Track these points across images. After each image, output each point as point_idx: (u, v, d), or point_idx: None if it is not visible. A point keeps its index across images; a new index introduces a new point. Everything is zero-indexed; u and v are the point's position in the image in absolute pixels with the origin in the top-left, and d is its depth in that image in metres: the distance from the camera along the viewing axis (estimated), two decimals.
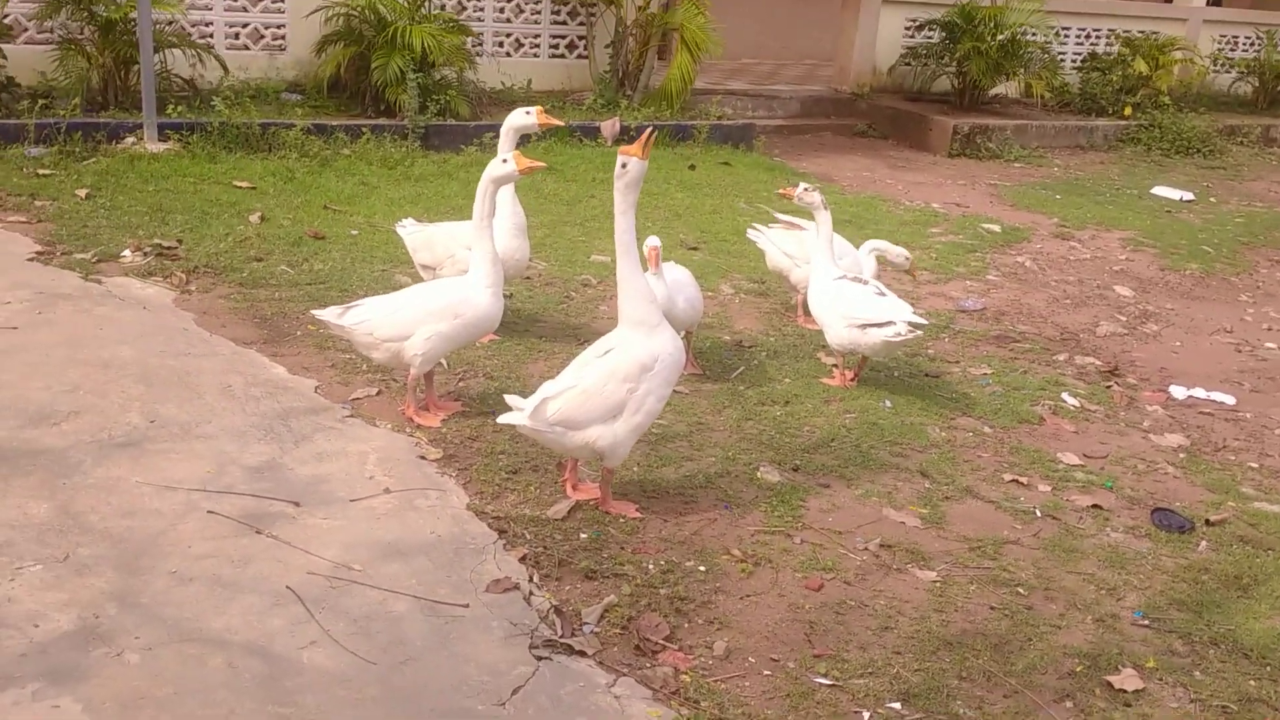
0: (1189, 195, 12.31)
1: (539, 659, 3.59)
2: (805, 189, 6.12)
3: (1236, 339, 7.87)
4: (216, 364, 5.54)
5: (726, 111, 12.98)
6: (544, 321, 6.69)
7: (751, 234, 7.32)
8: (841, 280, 6.15)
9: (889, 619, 4.07)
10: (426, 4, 11.03)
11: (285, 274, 6.93)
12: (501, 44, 12.38)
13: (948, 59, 14.62)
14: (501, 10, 12.30)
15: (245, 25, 10.99)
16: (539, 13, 12.48)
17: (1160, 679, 3.89)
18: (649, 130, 4.66)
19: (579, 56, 12.72)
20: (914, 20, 15.11)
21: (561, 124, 6.16)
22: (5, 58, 9.10)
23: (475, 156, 10.00)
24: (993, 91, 14.99)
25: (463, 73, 11.06)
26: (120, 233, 7.28)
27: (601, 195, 9.51)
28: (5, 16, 9.66)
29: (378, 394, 5.47)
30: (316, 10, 10.69)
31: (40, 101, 8.81)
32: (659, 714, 3.43)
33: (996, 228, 10.13)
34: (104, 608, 3.57)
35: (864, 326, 5.90)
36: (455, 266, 6.08)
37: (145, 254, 6.99)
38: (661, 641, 3.78)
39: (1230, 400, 6.68)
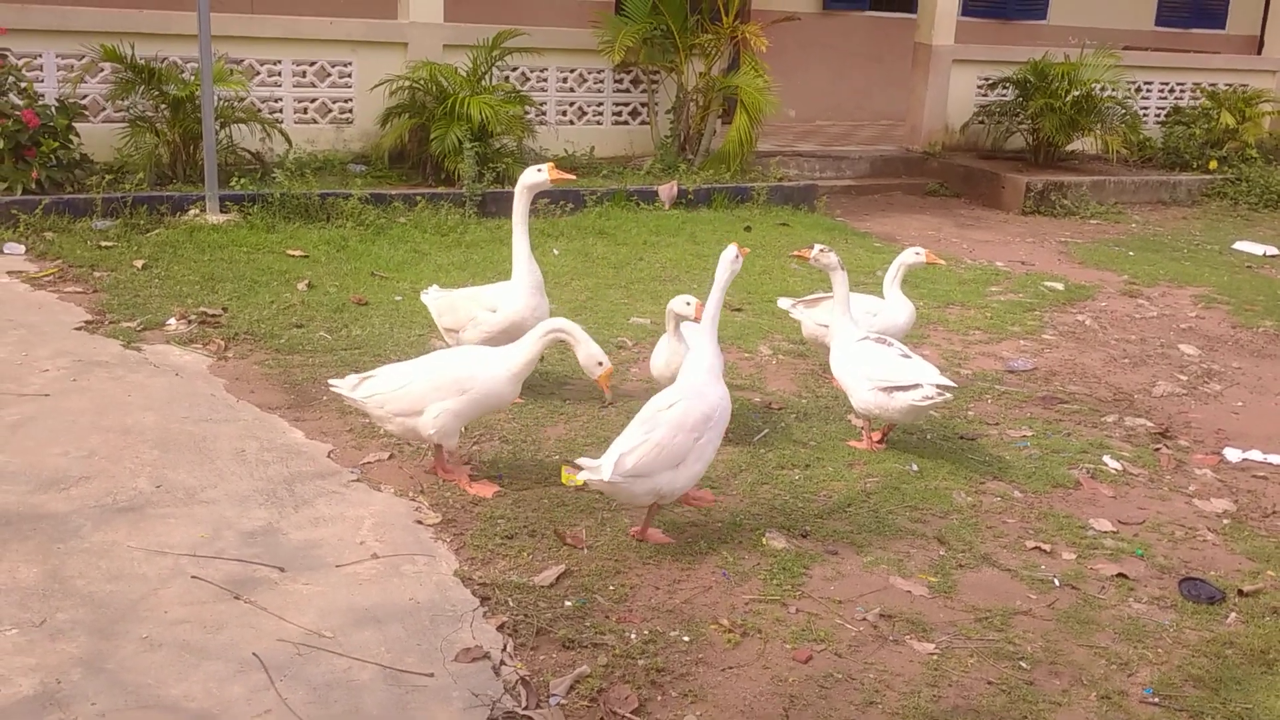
0: (1273, 250, 11.87)
1: None
2: (821, 250, 6.02)
3: None
4: (235, 429, 5.62)
5: (789, 172, 12.96)
6: (572, 383, 6.67)
7: (783, 303, 7.22)
8: (865, 341, 6.02)
9: (876, 693, 3.91)
10: (488, 76, 11.22)
11: (323, 340, 7.03)
12: (565, 113, 12.54)
13: (1021, 116, 14.41)
14: (565, 80, 12.47)
15: (314, 100, 11.30)
16: (601, 82, 12.62)
17: None
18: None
19: (641, 123, 12.83)
20: (986, 78, 14.94)
21: (573, 177, 6.21)
22: (79, 136, 9.47)
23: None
24: (1069, 148, 14.72)
25: (522, 141, 11.21)
26: (169, 301, 7.47)
27: (650, 259, 9.51)
28: (84, 97, 10.07)
29: (389, 458, 5.48)
30: (381, 83, 10.96)
31: (108, 176, 9.14)
32: None
33: (1060, 286, 9.86)
34: (69, 673, 3.59)
35: (889, 390, 5.76)
36: (477, 329, 6.11)
37: (189, 322, 7.15)
38: (628, 715, 3.67)
39: None
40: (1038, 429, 6.54)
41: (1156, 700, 3.99)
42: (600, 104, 12.72)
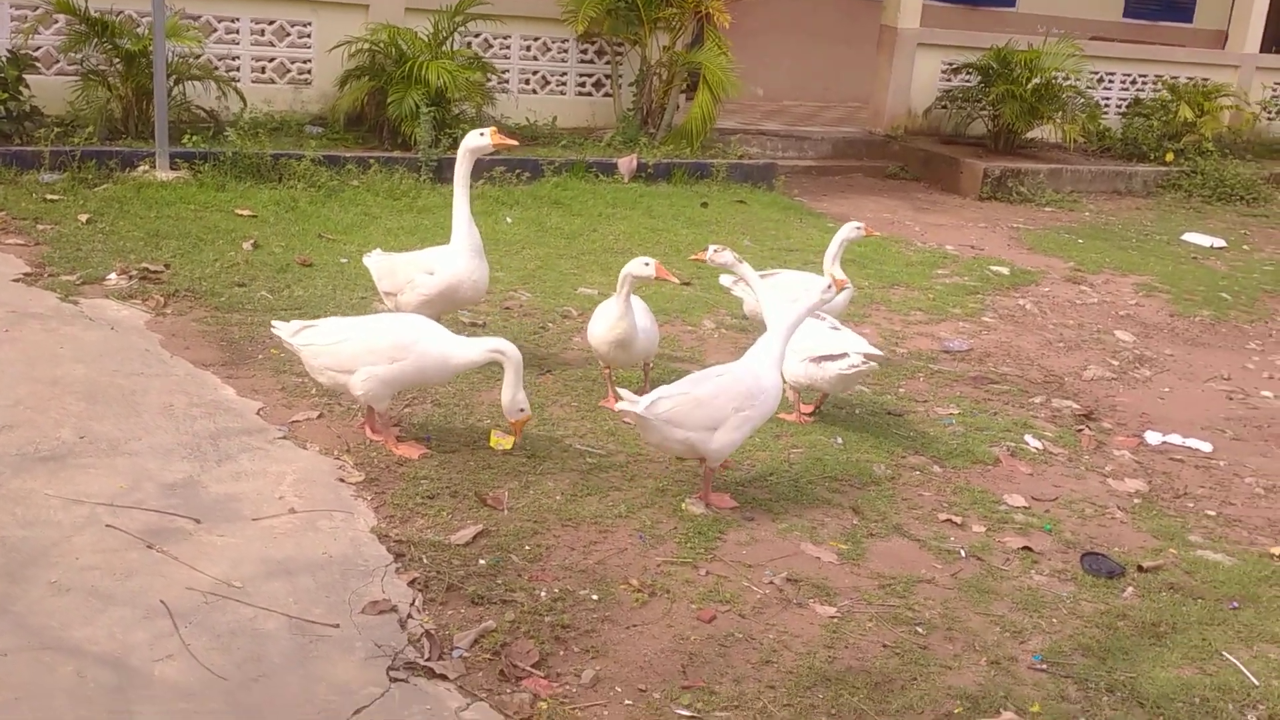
0: (1220, 242, 12.04)
1: (394, 680, 3.59)
2: (715, 250, 5.94)
3: (1232, 386, 7.66)
4: (165, 384, 5.65)
5: (749, 150, 13.01)
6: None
7: (724, 281, 7.28)
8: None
9: (773, 653, 4.01)
10: (449, 41, 11.20)
11: (264, 299, 7.05)
12: (528, 81, 12.53)
13: (983, 102, 14.50)
14: (528, 48, 12.46)
15: (272, 60, 11.26)
16: (565, 52, 12.62)
17: None
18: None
19: (605, 95, 12.84)
20: (950, 63, 15.01)
21: (515, 143, 6.18)
22: (29, 88, 9.40)
23: (482, 190, 10.10)
24: (1029, 135, 14.81)
25: (481, 108, 11.21)
26: (111, 256, 7.47)
27: (604, 230, 9.56)
28: (38, 49, 10.00)
29: (319, 417, 5.53)
30: (340, 45, 10.93)
31: (56, 129, 9.11)
32: None
33: (1005, 270, 9.99)
34: None
35: (819, 360, 5.85)
36: (414, 291, 6.14)
37: (130, 277, 7.16)
38: (528, 668, 3.76)
39: (1207, 447, 6.50)
40: (965, 407, 6.65)
41: (1044, 667, 4.11)
42: (564, 74, 12.72)
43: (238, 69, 11.10)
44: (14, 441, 4.85)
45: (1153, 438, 6.57)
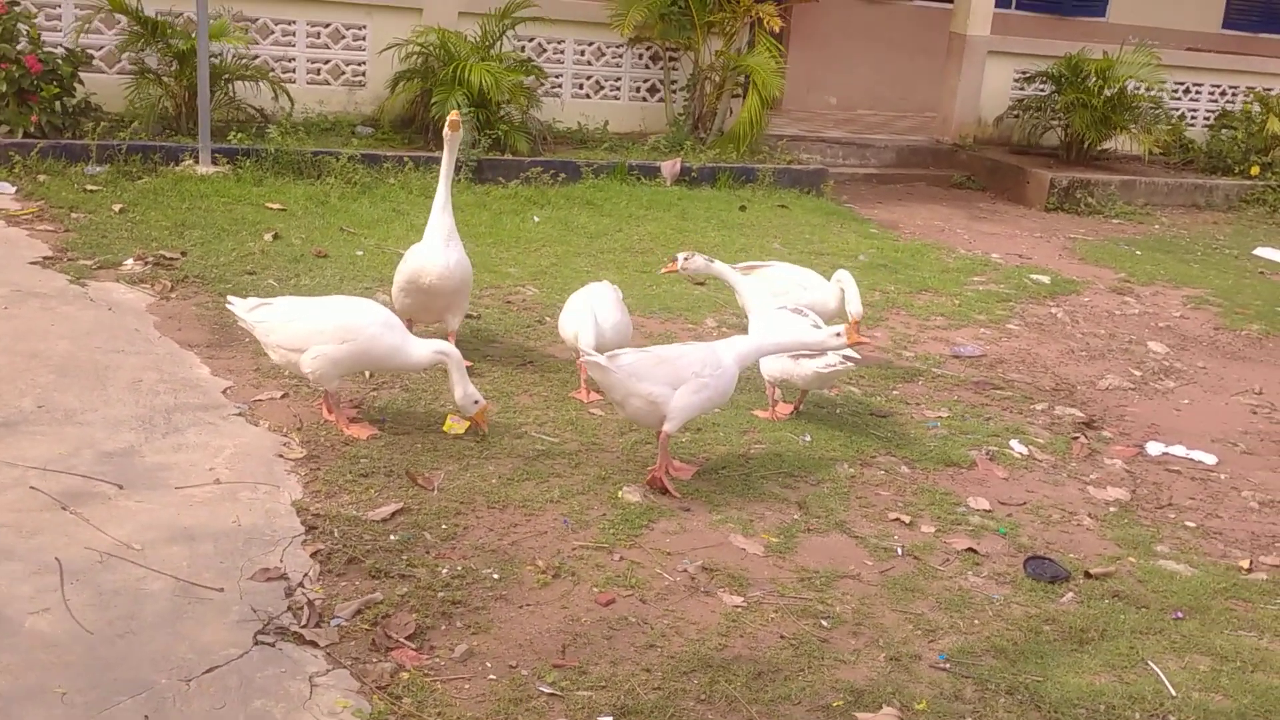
0: None
1: (259, 643, 3.62)
2: (685, 257, 5.91)
3: (1260, 401, 7.31)
4: (142, 361, 5.80)
5: (804, 156, 12.89)
6: (499, 343, 6.75)
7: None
8: (781, 310, 6.01)
9: (661, 638, 3.94)
10: (498, 45, 11.34)
11: (270, 287, 7.19)
12: (581, 86, 12.61)
13: (1053, 111, 14.14)
14: (582, 53, 12.53)
15: (327, 62, 11.52)
16: (620, 57, 12.67)
17: None
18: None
19: (659, 100, 12.85)
20: (1024, 72, 14.68)
21: (457, 119, 5.96)
22: (83, 84, 9.78)
23: (515, 189, 10.19)
24: (1104, 146, 14.38)
25: (526, 111, 11.31)
26: (134, 244, 7.70)
27: (630, 231, 9.56)
28: (100, 49, 10.40)
29: (282, 397, 5.62)
30: (389, 47, 11.13)
31: (103, 124, 9.45)
32: (349, 705, 3.40)
33: (1046, 279, 9.69)
34: None
35: (797, 357, 5.75)
36: (395, 285, 6.18)
37: (146, 263, 7.37)
38: (401, 639, 3.75)
39: (1211, 460, 6.21)
40: (957, 411, 6.47)
41: (947, 666, 3.95)
42: (618, 79, 12.77)
43: (294, 70, 11.38)
44: None
45: (1154, 448, 6.30)
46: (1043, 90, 14.48)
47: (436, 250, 5.98)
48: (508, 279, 7.95)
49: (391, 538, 4.39)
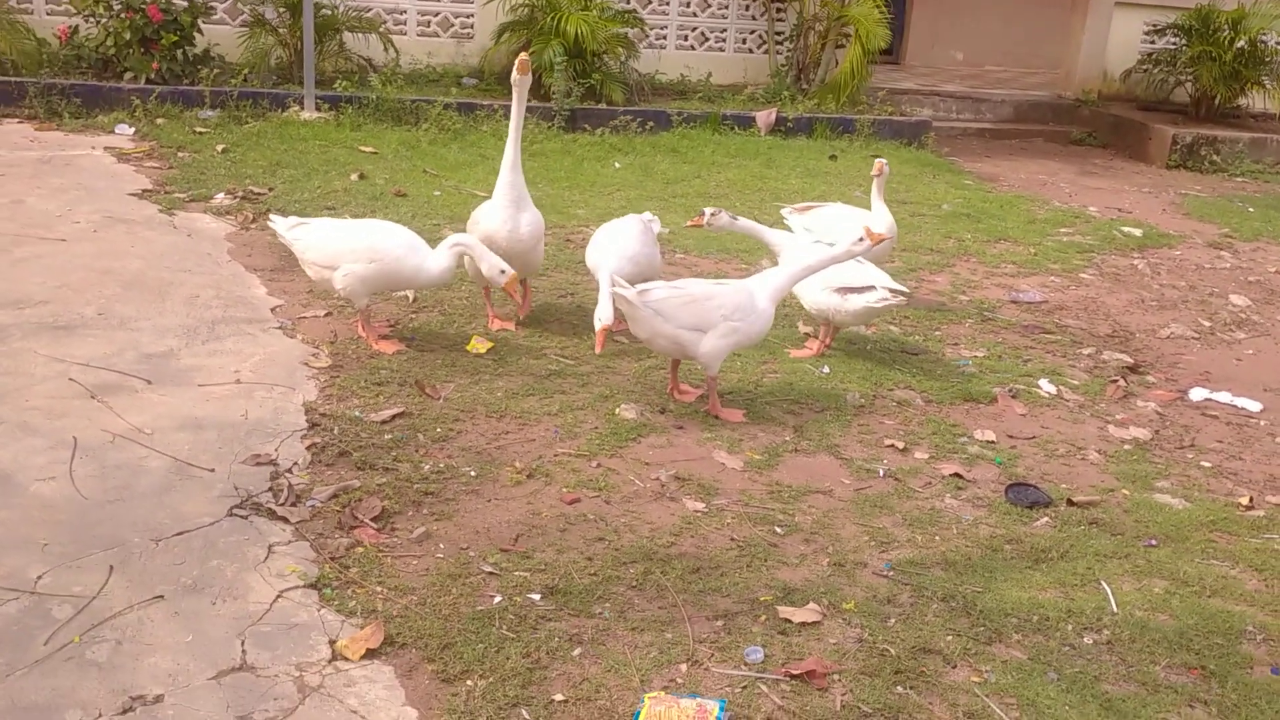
0: None
1: (231, 514, 3.96)
2: (711, 214, 5.82)
3: None
4: (205, 280, 6.24)
5: (907, 109, 12.74)
6: (547, 276, 6.96)
7: (784, 211, 7.28)
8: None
9: (613, 534, 4.13)
10: None
11: None
12: (686, 38, 12.73)
13: (1183, 65, 13.61)
14: (688, 4, 12.66)
15: (436, 14, 11.93)
16: (725, 8, 12.74)
17: (847, 619, 3.74)
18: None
19: (764, 51, 12.87)
20: (1154, 24, 14.15)
21: (527, 60, 5.93)
22: (202, 33, 10.39)
23: (603, 137, 10.42)
24: (1239, 102, 13.77)
25: (625, 61, 11.51)
26: (227, 180, 8.21)
27: (708, 178, 9.69)
28: (224, 1, 11.03)
29: (325, 315, 5.98)
30: None
31: (216, 71, 10.05)
32: (298, 570, 3.71)
33: (1139, 232, 9.44)
34: None
35: (844, 292, 5.80)
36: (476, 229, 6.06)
37: (235, 197, 7.86)
38: (366, 520, 4.04)
39: (1256, 407, 6.06)
40: (995, 352, 6.44)
41: (889, 574, 4.04)
42: (723, 30, 12.85)
43: (405, 22, 11.82)
44: (42, 313, 5.53)
45: (1197, 394, 6.17)
46: (1174, 44, 13.93)
47: (506, 213, 5.87)
48: (574, 220, 8.18)
49: (386, 436, 4.69)
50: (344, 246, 5.46)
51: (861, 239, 5.32)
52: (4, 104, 9.61)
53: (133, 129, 9.39)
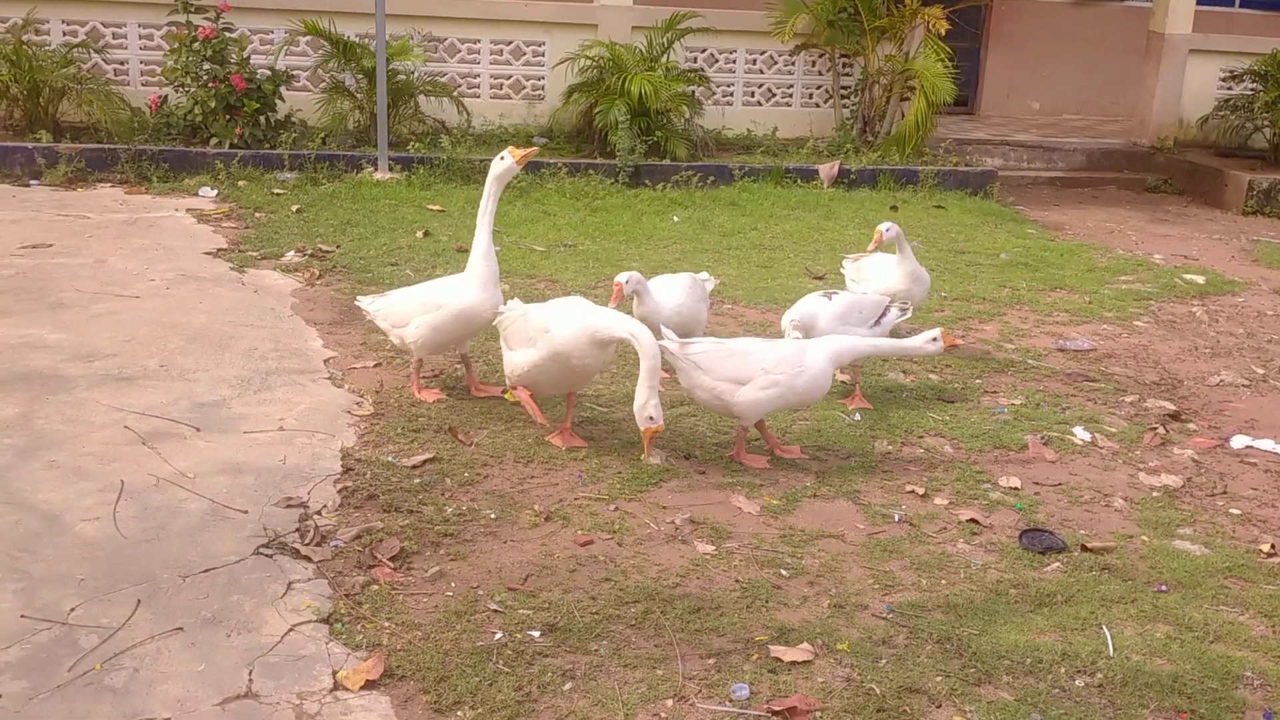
0: None
1: (257, 553, 4.19)
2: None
3: None
4: (265, 333, 6.57)
5: (976, 159, 12.79)
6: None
7: (845, 261, 7.40)
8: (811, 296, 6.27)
9: (621, 574, 4.28)
10: (666, 56, 11.86)
11: (406, 277, 7.90)
12: (753, 94, 12.98)
13: (1259, 111, 13.44)
14: (754, 62, 12.91)
15: (509, 77, 12.35)
16: (792, 65, 12.96)
17: (839, 659, 3.83)
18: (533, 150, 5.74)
19: (830, 105, 13.04)
20: (1230, 70, 14.02)
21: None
22: (283, 99, 10.91)
23: (664, 192, 10.66)
24: None
25: (690, 119, 11.78)
26: (299, 239, 8.60)
27: (765, 230, 9.85)
28: (306, 69, 11.57)
29: (375, 366, 6.26)
30: (560, 62, 11.84)
31: (295, 135, 10.53)
32: (313, 605, 3.92)
33: (1201, 279, 9.35)
34: None
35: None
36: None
37: (304, 255, 8.25)
38: (384, 560, 4.25)
39: None
40: (1033, 400, 6.46)
41: (888, 616, 4.11)
42: (790, 86, 13.07)
43: (478, 85, 12.26)
44: (108, 366, 5.89)
45: (1238, 441, 6.12)
46: (1251, 89, 13.78)
47: (490, 292, 5.64)
48: (620, 269, 8.36)
49: (415, 480, 4.91)
50: (415, 302, 5.71)
51: (935, 339, 5.42)
52: (99, 169, 10.19)
53: (215, 191, 9.88)
